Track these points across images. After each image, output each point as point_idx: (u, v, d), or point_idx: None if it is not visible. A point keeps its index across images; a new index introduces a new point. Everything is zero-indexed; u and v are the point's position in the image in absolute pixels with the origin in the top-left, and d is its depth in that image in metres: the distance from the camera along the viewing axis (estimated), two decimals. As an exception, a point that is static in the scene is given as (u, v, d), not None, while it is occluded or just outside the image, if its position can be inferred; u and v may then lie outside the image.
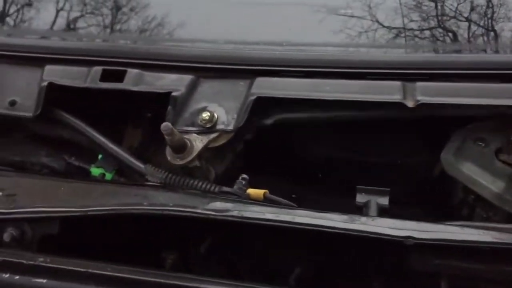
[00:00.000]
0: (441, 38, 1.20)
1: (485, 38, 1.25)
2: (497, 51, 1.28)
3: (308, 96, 1.09)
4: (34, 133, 1.28)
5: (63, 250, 0.90)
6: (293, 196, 1.34)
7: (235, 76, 1.16)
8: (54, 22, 1.42)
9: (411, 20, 1.24)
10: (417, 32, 1.27)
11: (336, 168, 1.39)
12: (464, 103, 1.03)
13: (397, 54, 1.16)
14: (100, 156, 1.17)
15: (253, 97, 1.09)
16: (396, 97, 1.07)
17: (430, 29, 1.26)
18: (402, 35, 1.27)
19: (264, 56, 1.16)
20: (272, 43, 1.15)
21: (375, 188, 0.98)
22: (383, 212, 0.94)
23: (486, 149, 1.13)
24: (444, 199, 1.24)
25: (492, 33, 1.26)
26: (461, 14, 1.25)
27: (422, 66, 1.10)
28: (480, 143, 1.15)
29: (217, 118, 1.11)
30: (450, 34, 1.28)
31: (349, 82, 1.12)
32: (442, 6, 1.27)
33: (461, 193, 1.17)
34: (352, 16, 1.17)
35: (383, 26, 1.16)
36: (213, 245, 1.08)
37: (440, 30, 1.25)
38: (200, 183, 1.04)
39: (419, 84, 1.08)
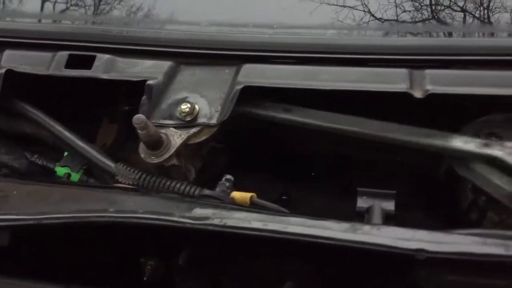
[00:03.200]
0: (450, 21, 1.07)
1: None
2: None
3: (302, 86, 0.96)
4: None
5: (16, 265, 0.78)
6: (284, 197, 1.23)
7: (219, 63, 1.02)
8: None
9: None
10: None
11: (333, 165, 1.27)
12: (480, 93, 0.91)
13: (403, 38, 1.03)
14: (65, 154, 1.04)
15: (239, 87, 0.96)
16: (402, 87, 0.94)
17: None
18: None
19: (253, 40, 1.03)
20: (262, 25, 1.01)
21: (379, 190, 0.85)
22: (388, 219, 0.81)
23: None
24: (450, 201, 1.13)
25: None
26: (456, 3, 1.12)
27: (432, 51, 0.97)
28: (494, 138, 1.04)
29: (199, 110, 0.97)
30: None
31: (348, 70, 0.98)
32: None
33: (470, 194, 1.05)
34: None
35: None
36: (194, 256, 0.96)
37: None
38: (178, 185, 0.91)
39: (429, 71, 0.95)
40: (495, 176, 0.99)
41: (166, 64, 1.02)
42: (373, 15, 1.11)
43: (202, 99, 0.99)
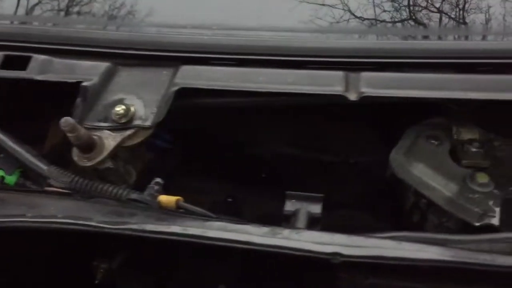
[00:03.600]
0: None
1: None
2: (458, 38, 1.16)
3: (238, 88, 0.95)
4: None
5: None
6: (229, 200, 1.22)
7: (158, 64, 1.01)
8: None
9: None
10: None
11: (285, 166, 1.26)
12: (412, 96, 0.91)
13: (340, 41, 1.03)
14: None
15: (175, 88, 0.95)
16: (338, 89, 0.94)
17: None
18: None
19: (191, 42, 1.02)
20: (201, 27, 1.01)
21: (307, 194, 0.85)
22: (314, 222, 0.81)
23: (439, 148, 1.01)
24: (396, 203, 1.13)
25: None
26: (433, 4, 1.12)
27: (368, 53, 0.97)
28: (433, 141, 1.04)
29: (134, 112, 0.96)
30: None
31: (286, 72, 0.98)
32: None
33: (412, 197, 1.05)
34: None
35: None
36: (130, 260, 0.95)
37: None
38: (109, 188, 0.90)
39: (364, 74, 0.95)
40: (433, 179, 1.01)
41: (103, 65, 1.00)
42: (318, 17, 1.11)
43: (138, 100, 0.98)
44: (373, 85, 0.94)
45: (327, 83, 0.95)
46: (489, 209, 0.91)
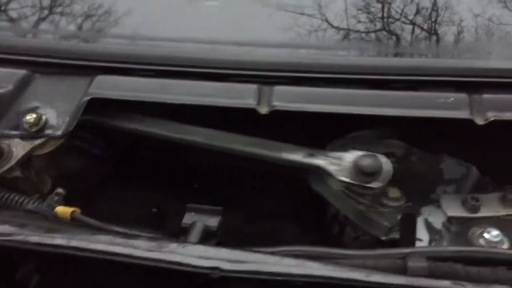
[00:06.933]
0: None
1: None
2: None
3: (152, 99, 0.95)
4: None
5: None
6: (154, 210, 1.21)
7: (75, 73, 1.00)
8: None
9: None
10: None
11: (215, 176, 1.26)
12: (324, 111, 0.91)
13: (257, 54, 1.03)
14: None
15: (87, 98, 0.95)
16: (250, 102, 0.94)
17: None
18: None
19: (111, 52, 1.01)
20: (121, 36, 1.00)
21: (207, 207, 0.84)
22: (210, 235, 0.80)
23: None
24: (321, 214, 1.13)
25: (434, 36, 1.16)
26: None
27: (284, 68, 0.97)
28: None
29: (45, 121, 0.95)
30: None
31: (204, 84, 0.98)
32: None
33: (332, 208, 1.06)
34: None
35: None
36: (37, 271, 0.93)
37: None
38: (13, 198, 0.88)
39: (278, 88, 0.95)
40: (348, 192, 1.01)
41: (19, 73, 1.00)
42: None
43: (52, 110, 0.97)
44: (285, 99, 0.94)
45: (241, 96, 0.95)
46: (397, 223, 0.92)
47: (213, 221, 0.79)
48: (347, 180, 0.94)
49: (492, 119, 0.89)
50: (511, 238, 0.90)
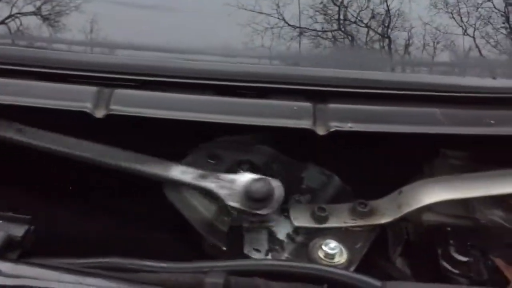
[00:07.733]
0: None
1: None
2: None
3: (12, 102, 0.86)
4: None
5: None
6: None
7: None
8: None
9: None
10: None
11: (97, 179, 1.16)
12: (159, 116, 0.85)
13: (105, 55, 0.97)
14: None
15: None
16: (87, 105, 0.88)
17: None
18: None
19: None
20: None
21: (16, 215, 0.76)
22: (14, 245, 0.72)
23: (216, 168, 0.96)
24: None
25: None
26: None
27: (128, 70, 0.91)
28: (211, 161, 0.99)
29: None
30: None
31: (36, 84, 0.90)
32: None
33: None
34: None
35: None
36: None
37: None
38: None
39: (118, 91, 0.89)
40: (199, 200, 0.96)
41: None
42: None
43: None
44: (123, 103, 0.87)
45: (78, 98, 0.89)
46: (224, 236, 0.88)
47: (18, 231, 0.71)
48: (237, 206, 0.88)
49: (334, 129, 0.88)
50: (356, 249, 0.90)
